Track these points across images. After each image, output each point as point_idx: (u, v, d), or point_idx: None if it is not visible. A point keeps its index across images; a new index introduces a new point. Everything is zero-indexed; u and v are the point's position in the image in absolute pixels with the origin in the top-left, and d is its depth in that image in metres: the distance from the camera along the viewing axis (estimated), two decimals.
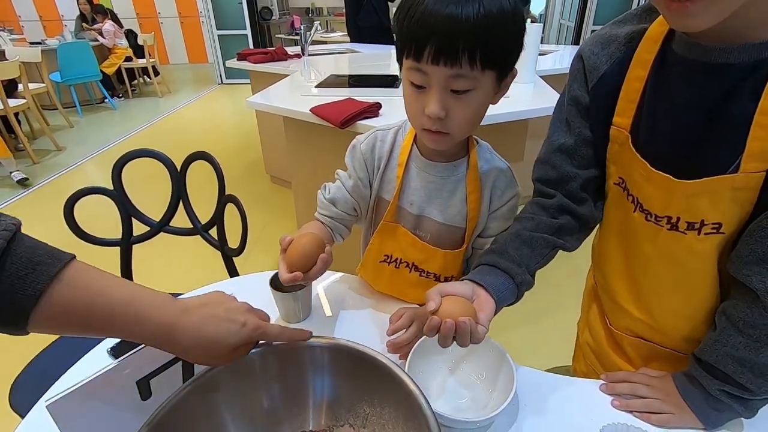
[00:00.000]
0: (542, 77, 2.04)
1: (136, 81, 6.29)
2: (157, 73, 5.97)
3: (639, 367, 0.66)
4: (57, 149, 3.98)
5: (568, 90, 0.63)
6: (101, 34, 5.33)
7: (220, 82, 6.78)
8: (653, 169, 0.52)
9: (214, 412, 0.49)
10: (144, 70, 6.13)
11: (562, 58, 2.86)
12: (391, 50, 3.56)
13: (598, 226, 0.69)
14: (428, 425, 0.42)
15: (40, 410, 0.62)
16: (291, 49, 3.16)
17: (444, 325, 0.49)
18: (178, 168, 1.20)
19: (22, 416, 0.90)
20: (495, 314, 0.56)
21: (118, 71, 5.64)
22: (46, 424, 0.56)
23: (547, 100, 1.67)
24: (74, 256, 0.40)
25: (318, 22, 3.37)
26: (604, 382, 0.61)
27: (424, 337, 0.61)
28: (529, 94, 1.80)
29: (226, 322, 0.45)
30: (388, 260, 0.79)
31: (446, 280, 0.77)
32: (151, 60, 5.75)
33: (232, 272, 1.25)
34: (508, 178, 0.73)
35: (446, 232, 0.74)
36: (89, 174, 3.56)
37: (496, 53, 0.55)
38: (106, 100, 5.40)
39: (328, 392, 0.53)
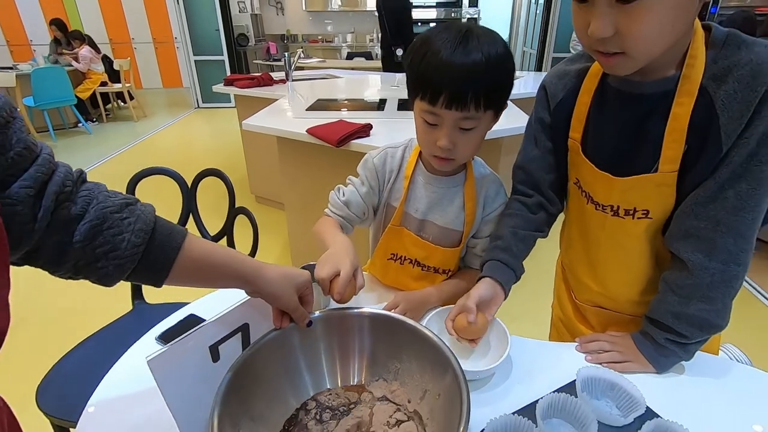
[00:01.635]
0: (510, 101, 2.26)
1: (109, 105, 6.27)
2: (132, 98, 5.98)
3: (598, 331, 0.82)
4: None
5: (535, 112, 0.80)
6: (76, 59, 5.33)
7: (196, 105, 6.83)
8: (597, 170, 0.69)
9: (288, 358, 0.62)
10: (118, 95, 6.13)
11: (526, 83, 3.13)
12: (369, 76, 3.76)
13: (564, 219, 0.85)
14: (452, 366, 0.55)
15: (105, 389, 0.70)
16: (272, 75, 3.30)
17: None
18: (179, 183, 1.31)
19: (50, 416, 0.96)
20: None
21: (92, 95, 5.62)
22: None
23: (516, 120, 1.86)
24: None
25: (301, 49, 3.53)
26: (578, 343, 0.76)
27: (429, 315, 0.75)
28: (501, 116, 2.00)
29: (293, 268, 0.64)
30: (394, 258, 0.92)
31: (444, 273, 0.91)
32: (127, 85, 5.77)
33: None
34: (498, 187, 0.88)
35: (446, 235, 0.87)
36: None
37: (496, 95, 0.70)
38: (81, 125, 5.36)
39: (368, 352, 0.66)
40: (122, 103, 6.32)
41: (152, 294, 1.36)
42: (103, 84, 5.68)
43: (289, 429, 0.60)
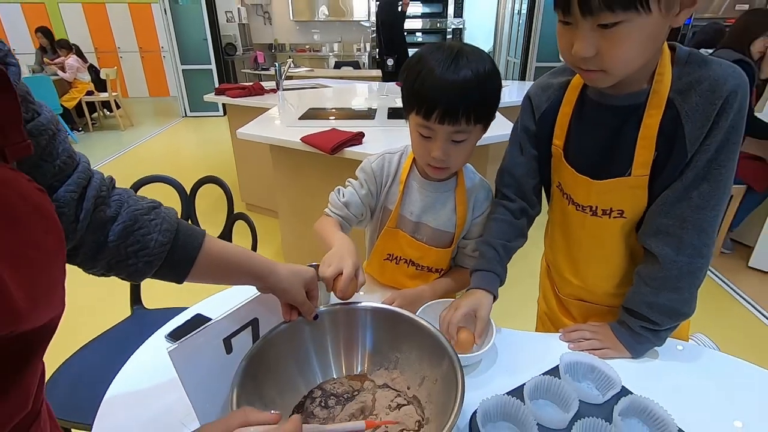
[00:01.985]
0: None
1: (96, 114, 6.22)
2: (118, 107, 5.96)
3: (581, 323, 0.88)
4: None
5: (520, 121, 0.86)
6: (62, 68, 5.30)
7: (184, 114, 6.82)
8: (578, 174, 0.75)
9: (298, 349, 0.67)
10: (104, 104, 6.10)
11: (510, 92, 3.23)
12: (358, 85, 3.84)
13: (548, 220, 0.92)
14: (448, 353, 0.61)
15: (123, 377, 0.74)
16: (263, 84, 3.35)
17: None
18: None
19: (57, 416, 0.98)
20: None
21: (78, 105, 5.59)
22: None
23: (501, 128, 1.93)
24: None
25: (291, 59, 3.59)
26: (561, 334, 0.82)
27: (422, 307, 0.81)
28: None
29: (300, 266, 0.68)
30: (391, 258, 0.98)
31: (437, 271, 0.97)
32: (113, 94, 5.75)
33: None
34: (486, 192, 0.94)
35: (439, 236, 0.93)
36: None
37: (485, 109, 0.76)
38: (67, 134, 5.31)
39: (370, 344, 0.71)
40: (108, 113, 6.28)
41: (150, 300, 1.39)
42: (89, 93, 5.64)
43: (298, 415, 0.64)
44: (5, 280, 0.30)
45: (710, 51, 2.43)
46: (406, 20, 4.57)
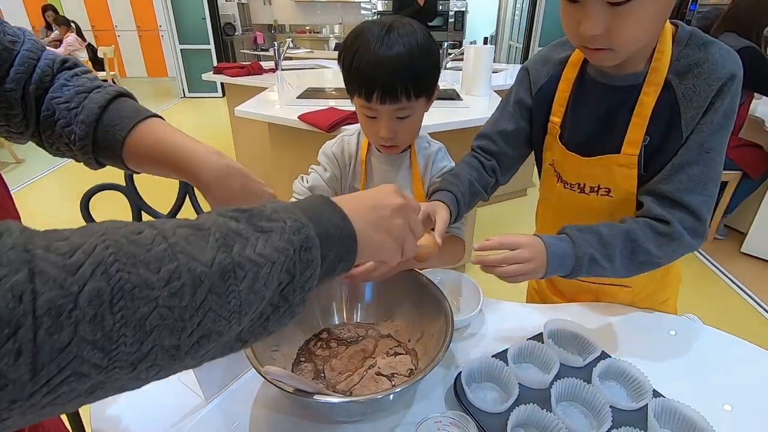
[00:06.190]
0: (496, 91, 2.35)
1: None
2: None
3: (568, 299, 0.90)
4: (16, 162, 3.89)
5: (515, 92, 0.85)
6: (59, 43, 5.24)
7: (182, 95, 6.77)
8: (568, 151, 0.76)
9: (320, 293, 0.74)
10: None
11: (512, 75, 3.21)
12: None
13: (538, 198, 0.93)
14: (444, 311, 0.64)
15: None
16: (262, 64, 3.32)
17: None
18: None
19: None
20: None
21: None
22: None
23: None
24: (154, 115, 0.55)
25: (290, 39, 3.56)
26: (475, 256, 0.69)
27: None
28: (486, 106, 2.09)
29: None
30: None
31: None
32: (111, 73, 5.69)
33: None
34: (443, 153, 0.92)
35: None
36: (51, 186, 3.51)
37: (424, 83, 0.74)
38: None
39: (378, 297, 0.78)
40: None
41: None
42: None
43: (304, 352, 0.70)
44: None
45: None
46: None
